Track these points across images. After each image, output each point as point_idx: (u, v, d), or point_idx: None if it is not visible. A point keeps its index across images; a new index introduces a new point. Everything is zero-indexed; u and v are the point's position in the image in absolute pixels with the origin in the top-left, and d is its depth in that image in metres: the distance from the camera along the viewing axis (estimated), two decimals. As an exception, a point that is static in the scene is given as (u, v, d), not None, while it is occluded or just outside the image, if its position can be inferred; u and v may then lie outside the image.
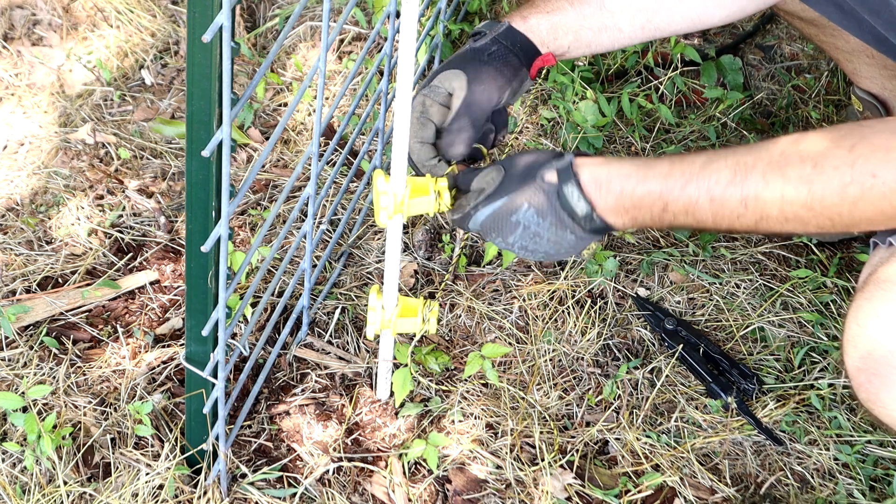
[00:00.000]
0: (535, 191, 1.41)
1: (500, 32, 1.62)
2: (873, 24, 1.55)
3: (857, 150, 1.25)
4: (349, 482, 1.74)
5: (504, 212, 1.43)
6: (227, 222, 1.33)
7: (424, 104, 1.59)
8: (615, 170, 1.39)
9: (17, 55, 2.42)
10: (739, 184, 1.31)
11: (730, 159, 1.33)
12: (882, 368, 1.33)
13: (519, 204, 1.42)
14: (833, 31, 1.89)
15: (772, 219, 1.30)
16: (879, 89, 1.98)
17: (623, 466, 1.79)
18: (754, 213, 1.31)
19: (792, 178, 1.27)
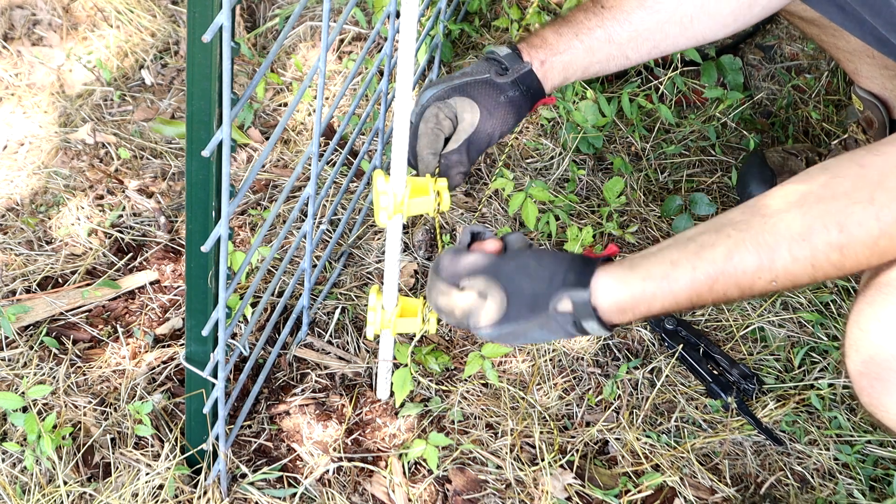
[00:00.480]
0: (546, 320, 1.37)
1: (520, 75, 1.62)
2: (874, 25, 1.55)
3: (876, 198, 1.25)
4: (349, 482, 1.74)
5: (513, 336, 1.40)
6: (227, 222, 1.33)
7: (438, 117, 1.60)
8: (637, 290, 1.34)
9: (17, 55, 2.42)
10: (767, 269, 1.28)
11: (750, 244, 1.29)
12: (885, 373, 1.33)
13: (531, 329, 1.38)
14: (834, 32, 1.89)
15: (803, 278, 1.29)
16: (880, 89, 1.98)
17: (623, 466, 1.79)
18: (784, 283, 1.29)
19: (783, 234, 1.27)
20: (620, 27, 1.63)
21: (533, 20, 2.36)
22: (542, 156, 2.23)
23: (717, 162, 2.27)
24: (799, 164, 2.12)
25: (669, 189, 2.22)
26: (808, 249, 1.26)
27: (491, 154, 2.24)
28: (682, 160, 2.26)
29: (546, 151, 2.24)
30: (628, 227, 2.11)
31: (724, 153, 2.29)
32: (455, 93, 1.61)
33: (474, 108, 1.60)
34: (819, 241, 1.25)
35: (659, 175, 2.24)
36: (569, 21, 1.64)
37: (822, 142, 2.31)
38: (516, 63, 1.63)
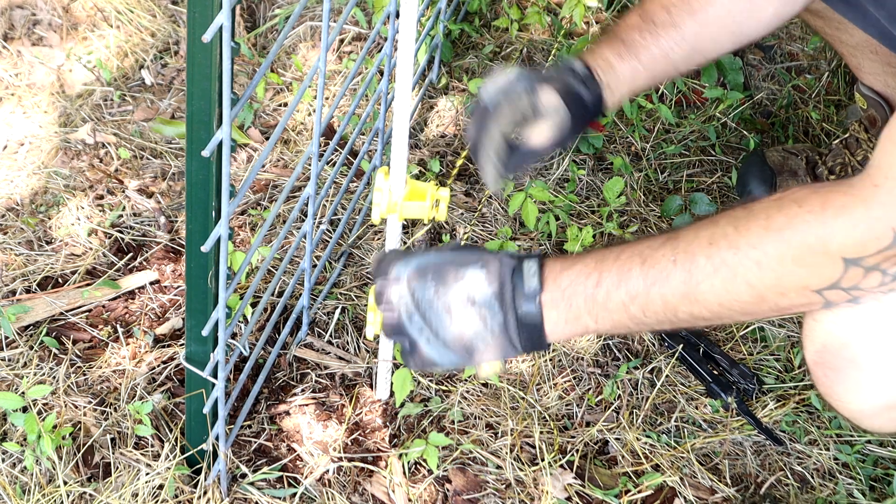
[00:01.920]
0: (493, 258, 1.31)
1: (595, 96, 1.57)
2: (877, 17, 1.55)
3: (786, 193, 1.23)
4: (349, 482, 1.74)
5: (456, 261, 1.31)
6: (227, 222, 1.33)
7: (526, 105, 1.52)
8: (566, 258, 1.32)
9: (17, 55, 2.42)
10: (671, 241, 1.26)
11: (670, 231, 1.28)
12: (836, 361, 1.34)
13: (472, 260, 1.31)
14: (838, 24, 1.89)
15: (700, 271, 1.24)
16: (883, 86, 1.98)
17: (623, 466, 1.79)
18: (683, 267, 1.25)
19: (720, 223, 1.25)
20: (677, 45, 1.59)
21: (533, 20, 2.36)
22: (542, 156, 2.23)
23: (717, 162, 2.27)
24: (799, 164, 2.12)
25: (669, 189, 2.23)
26: None
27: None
28: (682, 160, 2.26)
29: (546, 151, 2.23)
30: (628, 227, 2.11)
31: (724, 153, 2.29)
32: (548, 83, 1.54)
33: (563, 109, 1.53)
34: None
35: (659, 175, 2.24)
36: (626, 42, 1.60)
37: (823, 142, 2.31)
38: (592, 83, 1.58)
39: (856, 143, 2.08)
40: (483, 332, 1.30)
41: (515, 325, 1.29)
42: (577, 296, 1.28)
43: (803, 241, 1.19)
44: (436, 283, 1.30)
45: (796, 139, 2.32)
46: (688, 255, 1.24)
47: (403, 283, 1.32)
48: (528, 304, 1.29)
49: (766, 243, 1.21)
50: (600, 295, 1.28)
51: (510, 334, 1.30)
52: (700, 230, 1.25)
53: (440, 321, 1.30)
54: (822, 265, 1.20)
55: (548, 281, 1.29)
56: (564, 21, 2.45)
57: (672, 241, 1.26)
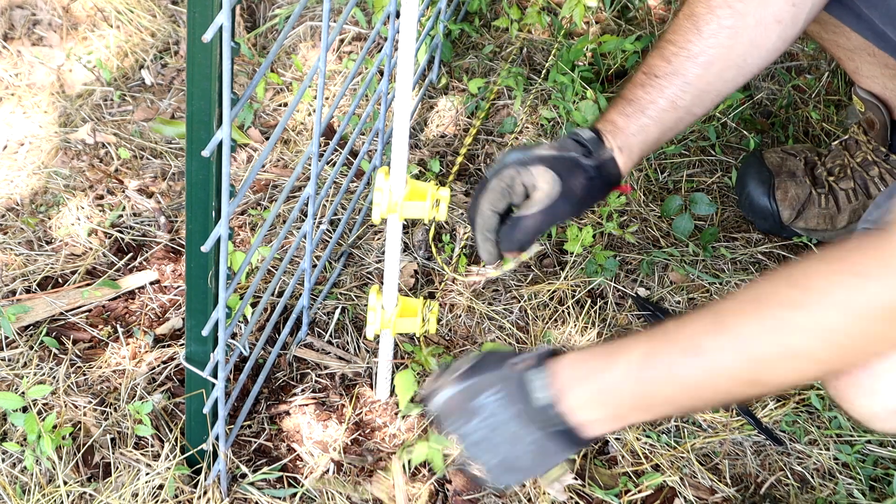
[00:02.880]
0: (504, 375, 1.30)
1: (603, 162, 1.57)
2: (872, 19, 1.55)
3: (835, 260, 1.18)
4: (349, 482, 1.74)
5: (469, 393, 1.32)
6: (227, 222, 1.33)
7: (514, 180, 1.53)
8: (589, 353, 1.29)
9: (17, 55, 2.42)
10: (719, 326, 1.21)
11: (711, 309, 1.23)
12: None
13: (487, 385, 1.31)
14: (835, 28, 1.88)
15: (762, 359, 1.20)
16: (881, 89, 1.98)
17: (623, 466, 1.79)
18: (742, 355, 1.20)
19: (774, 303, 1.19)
20: (682, 91, 1.59)
21: (533, 20, 2.36)
22: (542, 156, 2.23)
23: (717, 162, 2.27)
24: (797, 165, 2.12)
25: (669, 189, 2.23)
26: None
27: (491, 154, 2.24)
28: (682, 160, 2.26)
29: (546, 151, 2.23)
30: (628, 227, 2.11)
31: (724, 153, 2.29)
32: (539, 162, 1.54)
33: (555, 182, 1.53)
34: None
35: (659, 175, 2.24)
36: (630, 100, 1.60)
37: (823, 142, 2.31)
38: (600, 149, 1.57)
39: (855, 145, 2.08)
40: (519, 452, 1.31)
41: (547, 437, 1.29)
42: (623, 396, 1.26)
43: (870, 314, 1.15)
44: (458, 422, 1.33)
45: (796, 139, 2.32)
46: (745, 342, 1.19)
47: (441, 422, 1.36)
48: (546, 416, 1.28)
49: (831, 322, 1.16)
50: (650, 392, 1.25)
51: (547, 446, 1.30)
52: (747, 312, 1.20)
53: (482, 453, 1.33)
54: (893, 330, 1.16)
55: (576, 385, 1.27)
56: (564, 21, 2.45)
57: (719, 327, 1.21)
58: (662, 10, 2.57)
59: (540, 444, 1.30)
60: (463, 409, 1.32)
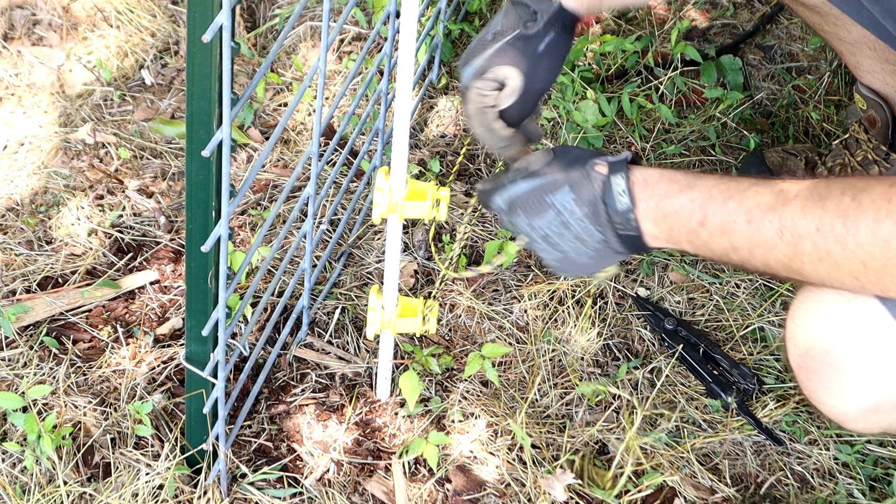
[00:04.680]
0: (581, 176, 1.35)
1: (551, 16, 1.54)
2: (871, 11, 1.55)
3: None
4: (349, 482, 1.74)
5: (542, 189, 1.36)
6: (227, 222, 1.33)
7: (480, 95, 1.53)
8: (666, 174, 1.34)
9: (17, 55, 2.42)
10: (779, 210, 1.26)
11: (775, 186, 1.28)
12: (819, 367, 1.35)
13: (560, 184, 1.35)
14: (835, 20, 1.88)
15: (805, 255, 1.25)
16: (881, 85, 1.98)
17: (623, 466, 1.78)
18: (789, 245, 1.26)
19: (830, 209, 1.23)
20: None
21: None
22: (542, 156, 2.23)
23: (717, 162, 2.27)
24: (798, 164, 2.12)
25: (669, 189, 2.22)
26: (819, 210, 1.25)
27: (491, 154, 2.24)
28: (682, 160, 2.26)
29: (546, 151, 2.23)
30: (628, 227, 2.11)
31: (724, 153, 2.29)
32: (491, 63, 1.54)
33: (516, 76, 1.52)
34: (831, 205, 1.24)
35: (659, 175, 2.23)
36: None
37: (823, 142, 2.31)
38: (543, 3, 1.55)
39: (856, 144, 2.08)
40: (584, 249, 1.36)
41: (616, 238, 1.35)
42: (679, 226, 1.32)
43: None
44: (527, 218, 1.37)
45: (796, 139, 2.32)
46: (795, 234, 1.25)
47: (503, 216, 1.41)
48: (624, 223, 1.33)
49: (874, 248, 1.20)
50: (703, 234, 1.31)
51: (612, 246, 1.36)
52: (808, 209, 1.24)
53: (542, 248, 1.39)
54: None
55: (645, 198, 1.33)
56: (564, 21, 2.44)
57: (779, 211, 1.26)
58: (662, 10, 2.57)
59: (606, 245, 1.36)
60: (533, 205, 1.37)
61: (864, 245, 1.21)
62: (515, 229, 1.41)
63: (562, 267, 1.41)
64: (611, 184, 1.34)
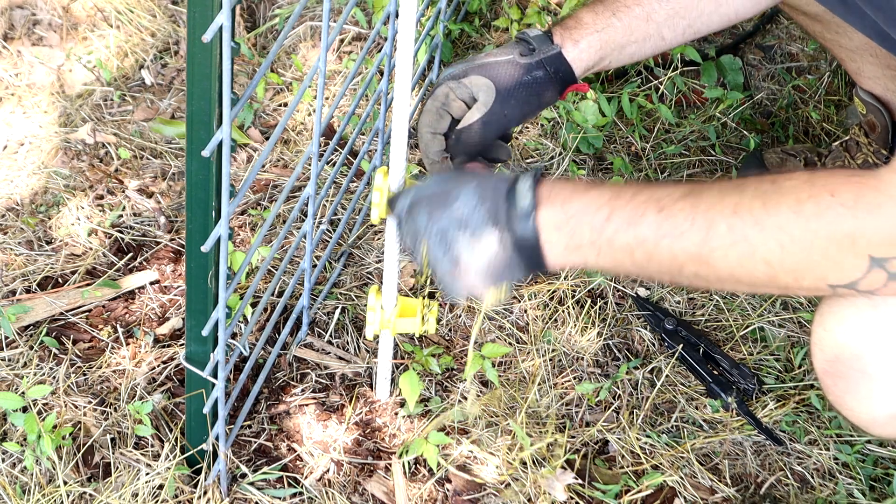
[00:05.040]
0: (488, 179, 1.30)
1: (547, 56, 1.56)
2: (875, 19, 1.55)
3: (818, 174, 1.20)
4: (349, 482, 1.74)
5: (449, 184, 1.31)
6: (227, 222, 1.33)
7: (448, 97, 1.54)
8: (576, 182, 1.30)
9: (17, 55, 2.42)
10: (693, 197, 1.22)
11: (692, 183, 1.26)
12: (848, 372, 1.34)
13: (468, 180, 1.30)
14: (837, 28, 1.88)
15: (718, 239, 1.21)
16: (882, 90, 1.98)
17: (623, 466, 1.79)
18: (700, 230, 1.21)
19: (748, 193, 1.20)
20: (658, 4, 1.58)
21: (533, 20, 2.36)
22: (543, 156, 2.23)
23: (717, 162, 2.27)
24: (797, 165, 2.12)
25: (669, 189, 2.22)
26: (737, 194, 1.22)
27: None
28: (682, 160, 2.26)
29: (546, 151, 2.24)
30: (628, 227, 2.11)
31: (724, 153, 2.29)
32: (472, 72, 1.55)
33: (490, 89, 1.53)
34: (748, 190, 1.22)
35: (659, 175, 2.24)
36: (604, 0, 1.60)
37: (823, 142, 2.31)
38: (545, 45, 1.56)
39: (856, 147, 2.08)
40: (479, 253, 1.29)
41: (512, 244, 1.27)
42: (583, 225, 1.26)
43: (832, 235, 1.16)
44: (428, 211, 1.31)
45: (796, 139, 2.32)
46: (707, 219, 1.20)
47: (404, 216, 1.34)
48: (523, 224, 1.26)
49: (793, 228, 1.17)
50: (608, 230, 1.25)
51: (507, 254, 1.28)
52: (724, 195, 1.21)
53: (437, 249, 1.30)
54: (845, 260, 1.17)
55: (549, 202, 1.27)
56: (564, 21, 2.44)
57: (693, 198, 1.22)
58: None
59: (503, 250, 1.28)
60: (441, 196, 1.31)
61: (783, 226, 1.18)
62: (412, 229, 1.33)
63: (451, 282, 1.32)
64: (517, 186, 1.28)
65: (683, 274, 1.24)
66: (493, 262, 1.29)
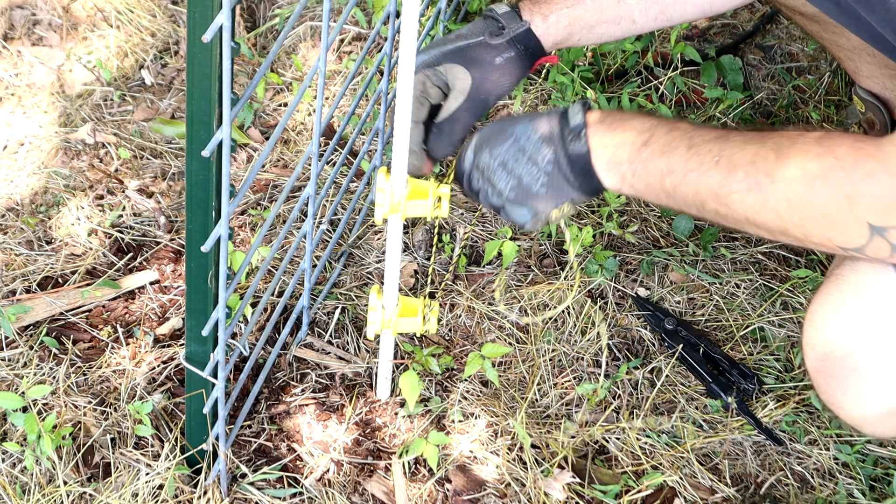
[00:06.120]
0: (542, 113, 1.43)
1: (517, 35, 1.58)
2: (870, 22, 1.55)
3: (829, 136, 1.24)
4: (349, 482, 1.74)
5: (507, 123, 1.43)
6: (227, 222, 1.33)
7: (425, 85, 1.56)
8: (622, 111, 1.44)
9: (17, 55, 2.42)
10: (721, 141, 1.30)
11: (724, 129, 1.33)
12: (839, 370, 1.34)
13: (524, 119, 1.42)
14: (834, 28, 1.88)
15: (736, 184, 1.27)
16: (881, 89, 1.98)
17: (623, 466, 1.79)
18: (722, 172, 1.28)
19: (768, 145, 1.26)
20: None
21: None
22: (542, 156, 2.23)
23: (717, 162, 2.27)
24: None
25: (669, 189, 2.22)
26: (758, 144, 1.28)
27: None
28: (682, 160, 2.26)
29: (546, 151, 2.24)
30: (628, 227, 2.11)
31: (724, 153, 2.28)
32: (446, 59, 1.57)
33: (465, 76, 1.56)
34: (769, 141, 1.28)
35: (659, 175, 2.24)
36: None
37: (822, 142, 2.30)
38: (513, 22, 1.59)
39: (856, 144, 2.07)
40: (537, 173, 1.40)
41: (566, 159, 1.38)
42: (624, 145, 1.36)
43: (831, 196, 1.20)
44: (490, 147, 1.43)
45: (796, 139, 2.32)
46: (730, 162, 1.27)
47: (471, 164, 1.46)
48: (574, 140, 1.38)
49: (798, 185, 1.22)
50: (644, 153, 1.34)
51: (563, 171, 1.39)
52: (748, 142, 1.28)
53: (499, 178, 1.42)
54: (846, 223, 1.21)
55: (598, 122, 1.38)
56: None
57: (721, 141, 1.30)
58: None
59: (557, 168, 1.39)
60: (500, 133, 1.43)
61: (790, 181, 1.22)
62: (478, 170, 1.45)
63: (517, 197, 1.43)
64: (568, 110, 1.40)
65: (706, 209, 1.32)
66: (552, 179, 1.40)
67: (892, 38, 1.49)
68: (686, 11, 1.66)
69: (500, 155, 1.42)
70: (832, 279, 1.34)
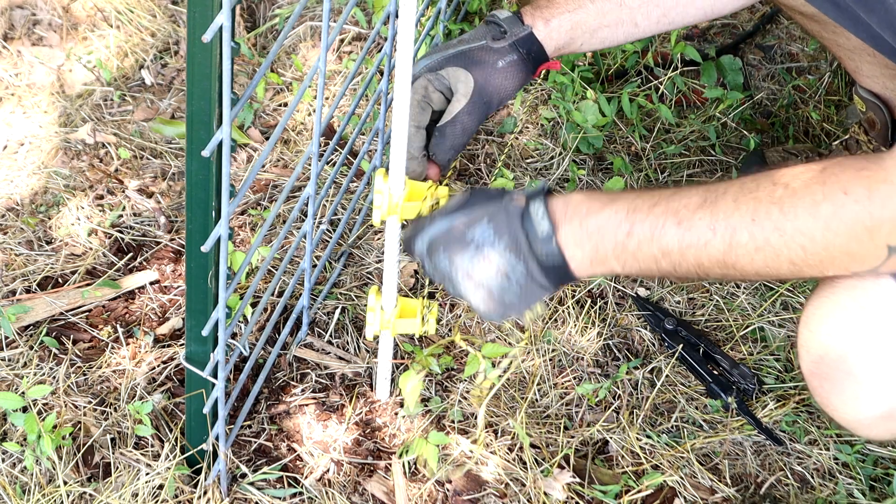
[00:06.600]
0: (499, 209, 1.32)
1: (519, 38, 1.58)
2: (868, 22, 1.55)
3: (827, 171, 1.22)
4: (349, 482, 1.74)
5: (461, 226, 1.33)
6: (227, 222, 1.33)
7: (427, 89, 1.55)
8: (585, 194, 1.32)
9: (17, 55, 2.42)
10: (709, 206, 1.25)
11: (701, 188, 1.28)
12: (833, 373, 1.34)
13: (479, 218, 1.32)
14: (834, 28, 1.89)
15: (741, 247, 1.24)
16: (881, 88, 1.98)
17: (623, 466, 1.79)
18: (723, 239, 1.24)
19: (763, 199, 1.23)
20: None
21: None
22: (543, 156, 2.23)
23: (717, 162, 2.27)
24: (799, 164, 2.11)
25: (669, 189, 2.22)
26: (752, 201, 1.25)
27: (491, 154, 2.24)
28: (682, 160, 2.26)
29: (546, 151, 2.24)
30: (628, 227, 2.11)
31: (724, 153, 2.29)
32: (448, 63, 1.57)
33: (468, 80, 1.55)
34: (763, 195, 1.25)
35: (659, 175, 2.24)
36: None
37: (823, 142, 2.31)
38: (515, 26, 1.58)
39: (856, 145, 2.08)
40: (509, 286, 1.32)
41: (539, 270, 1.31)
42: (605, 241, 1.29)
43: (850, 232, 1.20)
44: (448, 256, 1.33)
45: (796, 139, 2.32)
46: (729, 227, 1.24)
47: (426, 260, 1.37)
48: (546, 248, 1.30)
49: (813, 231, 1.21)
50: (631, 245, 1.29)
51: (537, 280, 1.32)
52: (740, 201, 1.25)
53: (466, 289, 1.34)
54: (866, 252, 1.22)
55: (566, 221, 1.30)
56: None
57: (710, 207, 1.26)
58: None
59: (530, 279, 1.32)
60: (457, 239, 1.33)
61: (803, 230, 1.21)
62: (438, 272, 1.36)
63: (488, 310, 1.36)
64: (529, 211, 1.31)
65: (711, 275, 1.29)
66: (524, 289, 1.33)
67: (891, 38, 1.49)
68: (688, 14, 1.66)
69: (461, 265, 1.33)
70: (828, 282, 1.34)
